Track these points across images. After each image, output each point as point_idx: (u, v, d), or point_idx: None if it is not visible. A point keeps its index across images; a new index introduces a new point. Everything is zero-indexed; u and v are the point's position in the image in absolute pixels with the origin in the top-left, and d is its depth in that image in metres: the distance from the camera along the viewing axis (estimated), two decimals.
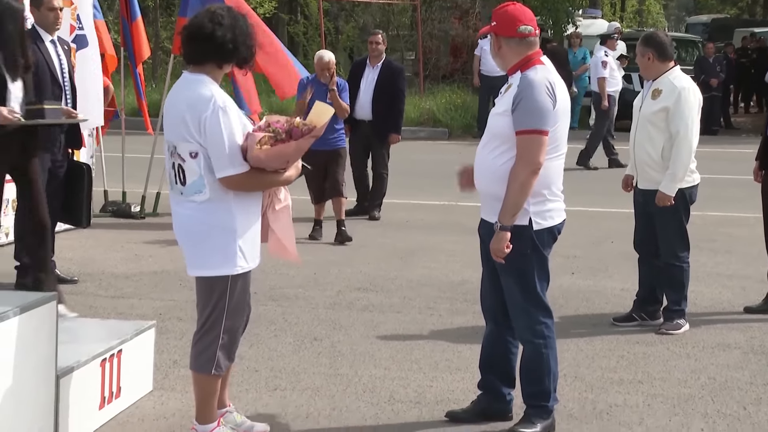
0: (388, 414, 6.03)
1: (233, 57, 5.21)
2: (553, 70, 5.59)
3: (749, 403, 6.34)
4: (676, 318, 7.82)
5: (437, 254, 10.56)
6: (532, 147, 5.38)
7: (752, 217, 12.36)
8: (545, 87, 5.42)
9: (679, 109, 7.54)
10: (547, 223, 5.56)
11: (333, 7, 31.94)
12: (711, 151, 19.83)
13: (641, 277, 8.02)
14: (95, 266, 9.66)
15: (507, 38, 5.55)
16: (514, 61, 5.56)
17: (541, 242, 5.56)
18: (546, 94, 5.41)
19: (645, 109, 7.71)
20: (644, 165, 7.71)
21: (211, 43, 5.13)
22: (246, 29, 5.21)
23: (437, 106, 23.94)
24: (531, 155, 5.38)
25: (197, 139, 5.07)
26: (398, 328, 7.85)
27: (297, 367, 6.86)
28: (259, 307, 7.95)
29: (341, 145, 11.34)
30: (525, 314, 5.66)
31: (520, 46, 5.54)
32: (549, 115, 5.41)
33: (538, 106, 5.40)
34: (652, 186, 7.64)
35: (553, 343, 5.71)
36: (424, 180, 15.68)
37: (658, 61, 7.68)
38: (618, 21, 36.68)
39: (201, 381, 5.31)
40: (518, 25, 5.52)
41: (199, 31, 5.16)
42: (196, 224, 5.17)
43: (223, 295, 5.20)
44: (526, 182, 5.39)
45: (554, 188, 5.60)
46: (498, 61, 5.73)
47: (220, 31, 5.12)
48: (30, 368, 5.00)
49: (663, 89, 7.62)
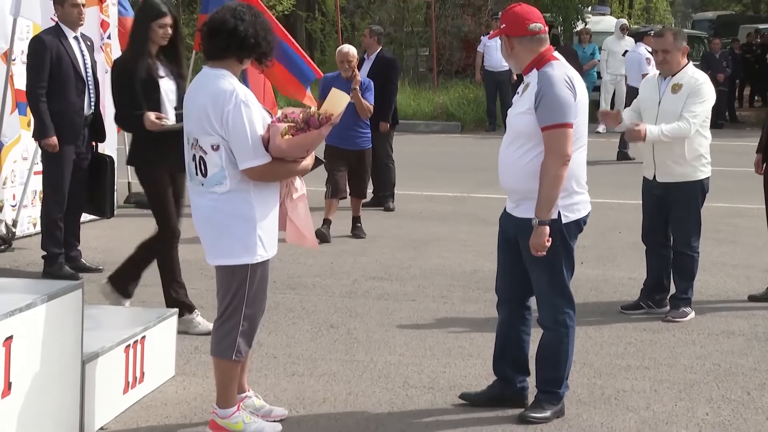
0: (403, 399, 6.03)
1: (255, 51, 5.22)
2: (567, 65, 5.59)
3: (753, 388, 6.33)
4: (682, 306, 7.80)
5: (450, 244, 10.55)
6: (560, 140, 5.40)
7: (756, 209, 12.30)
8: (564, 81, 5.43)
9: (698, 98, 7.52)
10: (574, 215, 5.59)
11: (349, 5, 31.89)
12: (717, 144, 19.75)
13: (650, 267, 7.99)
14: (119, 255, 9.59)
15: (518, 38, 5.54)
16: (528, 59, 5.56)
17: (570, 234, 5.60)
18: (567, 88, 5.43)
19: (666, 104, 7.61)
20: (667, 160, 7.65)
21: (234, 38, 5.15)
22: (266, 25, 5.24)
23: (450, 100, 23.93)
24: (560, 148, 5.40)
25: (219, 132, 5.07)
26: (412, 315, 7.85)
27: (314, 353, 6.87)
28: (278, 295, 7.96)
29: (366, 146, 11.03)
30: (550, 304, 5.67)
31: (532, 44, 5.54)
32: (571, 108, 5.44)
33: (560, 100, 5.40)
34: (675, 179, 7.64)
35: (573, 332, 5.73)
36: (437, 172, 15.66)
37: (680, 56, 7.66)
38: (626, 17, 36.51)
39: (222, 366, 5.32)
40: (527, 23, 5.52)
41: (222, 26, 5.17)
42: (217, 214, 5.18)
43: (243, 283, 5.21)
44: (558, 175, 5.41)
45: (580, 180, 5.63)
46: (512, 63, 5.73)
47: (242, 26, 5.14)
48: (57, 354, 5.02)
49: (683, 83, 7.58)
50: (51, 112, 8.50)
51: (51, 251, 8.71)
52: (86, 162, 8.77)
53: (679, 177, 7.65)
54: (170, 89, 7.19)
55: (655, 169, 7.76)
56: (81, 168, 8.72)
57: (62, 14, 8.63)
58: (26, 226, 10.31)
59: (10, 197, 10.13)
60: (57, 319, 5.00)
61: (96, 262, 9.22)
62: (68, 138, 8.57)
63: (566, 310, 5.69)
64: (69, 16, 8.61)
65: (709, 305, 8.23)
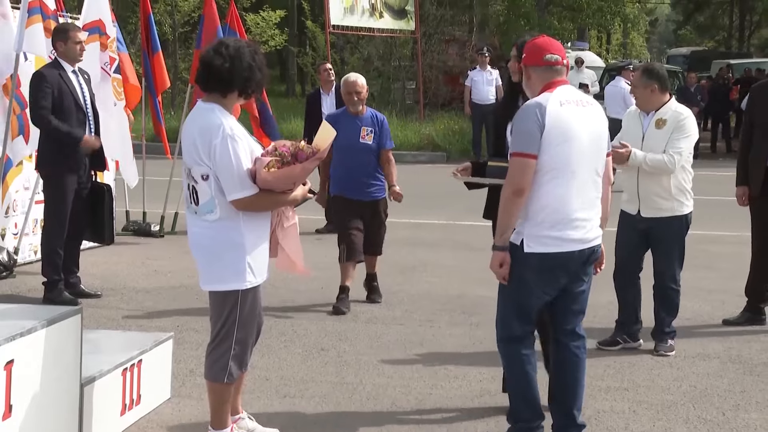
0: (391, 420, 6.00)
1: (231, 87, 5.13)
2: (571, 94, 5.30)
3: (728, 409, 6.32)
4: (669, 339, 7.60)
5: (437, 270, 10.53)
6: (514, 169, 5.19)
7: (729, 235, 12.35)
8: (534, 112, 5.18)
9: (683, 133, 7.33)
10: (540, 248, 5.19)
11: (339, 40, 32.01)
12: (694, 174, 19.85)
13: (624, 302, 7.75)
14: (118, 281, 9.64)
15: (534, 66, 5.37)
16: (539, 88, 5.35)
17: (528, 265, 5.21)
18: (532, 120, 5.16)
19: (651, 139, 7.39)
20: (653, 195, 7.44)
21: (212, 72, 5.11)
22: (248, 62, 5.11)
23: (436, 131, 24.01)
24: (511, 176, 5.19)
25: (207, 163, 5.05)
26: (400, 339, 7.82)
27: (305, 375, 6.83)
28: (270, 319, 7.93)
29: (380, 195, 8.89)
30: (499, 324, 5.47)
31: (546, 73, 5.33)
32: (531, 139, 5.14)
33: (521, 130, 5.21)
34: (661, 214, 7.43)
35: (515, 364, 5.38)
36: (424, 201, 15.66)
37: (660, 93, 7.42)
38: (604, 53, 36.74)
39: (215, 389, 5.29)
40: (545, 54, 5.34)
41: (203, 59, 5.15)
42: (209, 241, 5.16)
43: (234, 308, 5.18)
44: (507, 202, 5.19)
45: (559, 215, 5.20)
46: (528, 92, 5.49)
47: (218, 61, 5.07)
48: (56, 377, 4.99)
49: (667, 119, 7.37)
50: (56, 141, 8.50)
51: (51, 278, 8.68)
52: (86, 191, 8.76)
53: (666, 212, 7.43)
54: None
55: (640, 204, 7.50)
56: (81, 197, 8.71)
57: (65, 51, 8.66)
58: (27, 254, 10.29)
59: (12, 226, 10.11)
60: (56, 343, 4.97)
61: (95, 288, 9.18)
62: (71, 167, 8.57)
63: (500, 337, 5.43)
64: (71, 52, 8.65)
65: (685, 329, 8.21)
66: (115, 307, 8.65)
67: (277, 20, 33.21)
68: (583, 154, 5.22)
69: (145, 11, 12.68)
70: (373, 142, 8.71)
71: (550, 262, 5.22)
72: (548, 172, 5.17)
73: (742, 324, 8.42)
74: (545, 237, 5.20)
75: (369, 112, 8.78)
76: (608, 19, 34.25)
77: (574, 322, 5.45)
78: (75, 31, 8.76)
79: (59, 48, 8.70)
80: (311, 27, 32.71)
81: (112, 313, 8.39)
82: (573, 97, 5.28)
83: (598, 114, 5.37)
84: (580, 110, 5.25)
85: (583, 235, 5.25)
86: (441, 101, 28.19)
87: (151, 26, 12.51)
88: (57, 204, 8.60)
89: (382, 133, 8.74)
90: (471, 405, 6.19)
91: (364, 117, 8.73)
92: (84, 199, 8.75)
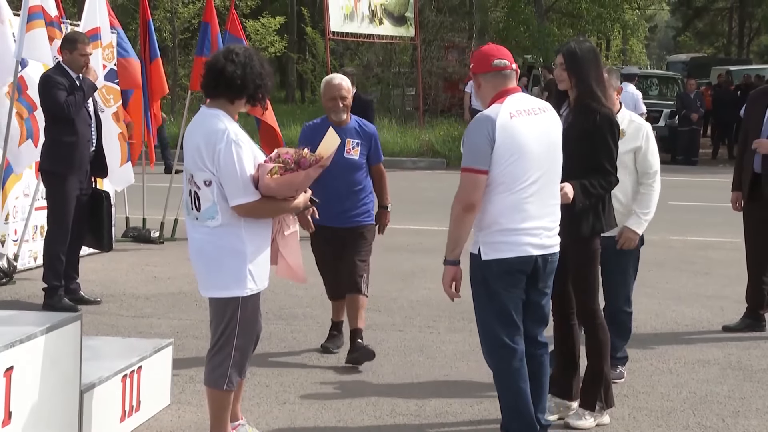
0: (390, 426, 6.00)
1: (242, 93, 5.16)
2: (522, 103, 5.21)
3: (727, 415, 6.32)
4: (620, 365, 6.95)
5: (437, 276, 10.40)
6: (464, 185, 5.15)
7: (729, 242, 12.34)
8: (485, 127, 5.11)
9: (650, 147, 6.74)
10: (496, 254, 5.19)
11: (339, 46, 32.02)
12: (691, 180, 19.86)
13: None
14: (117, 288, 9.64)
15: (483, 74, 5.30)
16: (491, 95, 5.27)
17: (490, 273, 5.22)
18: (482, 135, 5.10)
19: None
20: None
21: (222, 78, 5.13)
22: (258, 69, 5.16)
23: (436, 138, 24.03)
24: (462, 192, 5.16)
25: (211, 168, 5.06)
26: (400, 345, 7.82)
27: (305, 382, 6.83)
28: (270, 325, 7.92)
29: (365, 221, 7.33)
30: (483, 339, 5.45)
31: (496, 79, 5.26)
32: (480, 155, 5.10)
33: (470, 146, 5.17)
34: (612, 232, 6.49)
35: (504, 374, 5.34)
36: (423, 206, 15.65)
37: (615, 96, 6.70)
38: (604, 59, 36.71)
39: (214, 395, 5.28)
40: (492, 60, 5.29)
41: (213, 65, 5.17)
42: (210, 248, 5.16)
43: (234, 314, 5.18)
44: (458, 218, 5.19)
45: (510, 222, 5.16)
46: (480, 101, 5.43)
47: (230, 67, 5.10)
48: (56, 384, 4.99)
49: (624, 129, 6.54)
50: (63, 142, 8.51)
51: (51, 284, 8.67)
52: (86, 197, 8.78)
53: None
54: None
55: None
56: (81, 202, 8.72)
57: (69, 59, 8.68)
58: (27, 260, 10.28)
59: (11, 232, 10.10)
60: (56, 349, 4.97)
61: (94, 294, 9.17)
62: (75, 171, 8.59)
63: (486, 351, 5.41)
64: (76, 62, 8.67)
65: (684, 335, 8.22)
66: (114, 313, 8.65)
67: (277, 27, 33.19)
68: (537, 165, 5.19)
69: (144, 17, 12.68)
70: (359, 157, 7.24)
71: (509, 266, 5.21)
72: (500, 185, 5.15)
73: (741, 330, 8.42)
74: (500, 243, 5.20)
75: (354, 122, 7.33)
76: (608, 26, 34.23)
77: (537, 330, 5.44)
78: (84, 44, 8.74)
79: (64, 56, 8.73)
80: (311, 33, 32.73)
81: (111, 320, 8.38)
82: (524, 106, 5.23)
83: (552, 120, 5.33)
84: (532, 119, 5.20)
85: (541, 241, 5.25)
86: (440, 107, 28.24)
87: (150, 32, 12.51)
88: (59, 209, 8.61)
89: (372, 145, 7.33)
90: (470, 411, 6.19)
91: (348, 127, 7.22)
92: (84, 205, 8.76)
